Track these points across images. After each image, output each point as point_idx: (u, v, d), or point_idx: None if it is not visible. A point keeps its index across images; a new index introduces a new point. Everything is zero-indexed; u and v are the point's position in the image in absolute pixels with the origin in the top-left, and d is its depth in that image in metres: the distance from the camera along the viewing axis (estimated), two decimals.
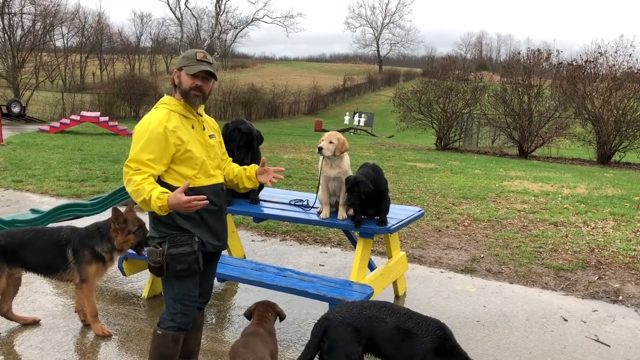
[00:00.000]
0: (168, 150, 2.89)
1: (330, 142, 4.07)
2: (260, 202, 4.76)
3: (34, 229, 4.13)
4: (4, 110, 24.57)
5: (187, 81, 2.99)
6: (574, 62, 20.65)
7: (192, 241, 2.95)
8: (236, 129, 4.41)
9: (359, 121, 34.31)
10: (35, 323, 4.14)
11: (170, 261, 2.90)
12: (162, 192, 2.78)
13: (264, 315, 3.32)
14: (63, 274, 3.89)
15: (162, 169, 2.90)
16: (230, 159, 3.41)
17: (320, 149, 4.06)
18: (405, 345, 2.90)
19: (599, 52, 19.84)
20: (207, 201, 2.84)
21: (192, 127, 3.01)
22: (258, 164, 3.39)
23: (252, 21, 56.51)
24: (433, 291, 5.16)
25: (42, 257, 3.88)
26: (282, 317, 3.44)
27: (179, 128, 2.93)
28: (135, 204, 3.00)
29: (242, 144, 4.36)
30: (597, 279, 5.58)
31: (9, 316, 4.11)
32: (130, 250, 4.57)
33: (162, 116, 2.92)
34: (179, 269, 2.91)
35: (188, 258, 2.92)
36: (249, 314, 3.40)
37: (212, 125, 3.25)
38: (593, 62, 19.89)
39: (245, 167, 3.34)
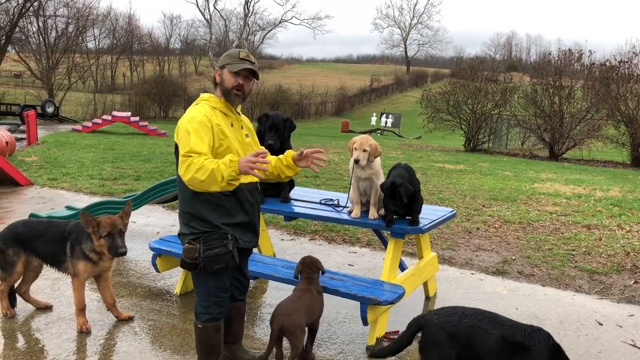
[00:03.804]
0: (214, 142, 2.95)
1: (364, 150, 4.08)
2: (291, 201, 4.79)
3: (47, 221, 4.30)
4: (39, 110, 25.18)
5: (230, 80, 3.05)
6: (607, 63, 20.23)
7: (226, 241, 2.99)
8: (264, 114, 4.58)
9: (386, 122, 34.17)
10: (47, 308, 4.35)
11: (207, 263, 2.96)
12: (230, 155, 2.82)
13: (311, 277, 3.71)
14: (64, 265, 4.01)
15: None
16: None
17: (357, 160, 4.06)
18: (515, 358, 2.83)
19: (634, 52, 19.41)
20: (269, 162, 2.88)
21: (232, 125, 3.06)
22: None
23: (279, 23, 56.70)
24: (464, 293, 5.11)
25: (50, 249, 4.04)
26: (322, 272, 3.82)
27: (221, 124, 2.98)
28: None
29: (268, 127, 4.46)
30: (633, 283, 5.46)
31: (26, 298, 4.34)
32: (159, 247, 4.65)
33: (206, 110, 2.98)
34: (217, 268, 2.98)
35: (224, 258, 2.98)
36: (297, 274, 3.81)
37: (248, 124, 3.30)
38: (627, 62, 19.45)
39: (280, 156, 3.37)
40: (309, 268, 3.76)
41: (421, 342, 2.99)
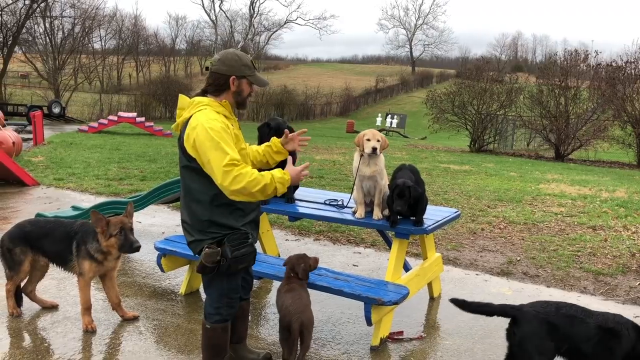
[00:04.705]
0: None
1: (378, 141, 4.09)
2: (296, 201, 4.80)
3: (54, 221, 4.31)
4: (45, 110, 25.30)
5: (247, 89, 3.13)
6: (613, 63, 20.16)
7: (250, 240, 3.06)
8: (266, 124, 4.55)
9: (391, 122, 34.14)
10: (53, 307, 4.36)
11: (233, 263, 2.99)
12: (280, 171, 2.92)
13: (292, 278, 3.69)
14: (70, 265, 4.03)
15: None
16: (248, 144, 3.48)
17: (375, 149, 4.06)
18: (611, 343, 2.90)
19: None
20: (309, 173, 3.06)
21: (232, 126, 3.10)
22: (292, 155, 3.45)
23: (285, 23, 56.85)
24: (468, 293, 5.10)
25: (57, 248, 4.06)
26: (298, 276, 3.71)
27: (230, 127, 3.02)
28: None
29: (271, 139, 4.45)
30: (639, 284, 5.44)
31: (31, 297, 4.35)
32: (165, 247, 4.66)
33: (217, 115, 2.99)
34: (240, 267, 3.04)
35: (249, 257, 3.06)
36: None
37: (237, 123, 3.34)
38: (634, 62, 19.39)
39: (268, 144, 3.43)
40: (289, 271, 3.73)
41: (518, 333, 2.95)
